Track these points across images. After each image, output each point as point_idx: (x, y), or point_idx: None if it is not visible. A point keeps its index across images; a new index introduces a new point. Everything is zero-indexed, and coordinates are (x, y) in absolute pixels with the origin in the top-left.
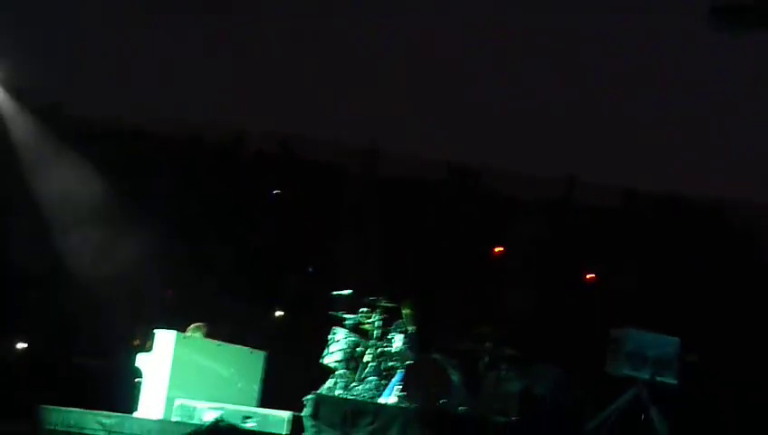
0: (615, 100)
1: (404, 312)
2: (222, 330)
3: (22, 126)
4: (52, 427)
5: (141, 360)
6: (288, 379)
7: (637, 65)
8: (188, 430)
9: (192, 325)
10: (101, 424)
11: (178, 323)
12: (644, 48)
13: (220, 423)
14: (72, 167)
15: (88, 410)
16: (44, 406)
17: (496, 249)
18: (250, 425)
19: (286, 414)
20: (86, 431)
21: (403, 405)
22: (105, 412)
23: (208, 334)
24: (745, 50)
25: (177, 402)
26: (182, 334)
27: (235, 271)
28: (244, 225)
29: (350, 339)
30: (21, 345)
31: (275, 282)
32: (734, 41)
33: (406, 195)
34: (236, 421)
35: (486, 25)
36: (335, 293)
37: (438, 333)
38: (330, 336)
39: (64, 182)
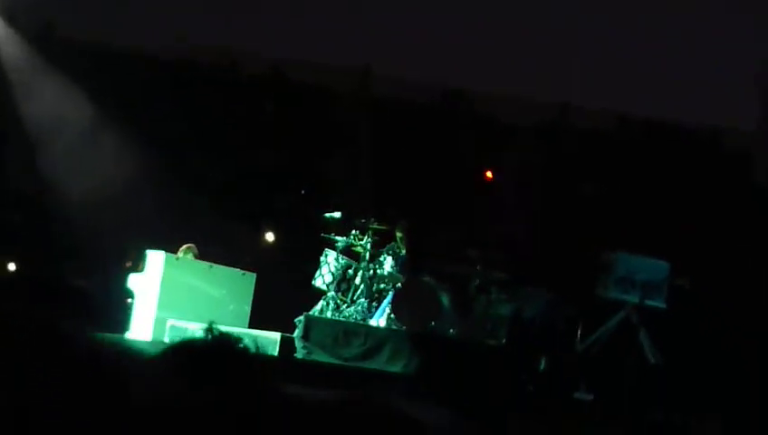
0: (611, 24)
1: (396, 235)
2: (213, 250)
3: (12, 47)
4: None
5: (133, 280)
6: (279, 300)
7: None
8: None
9: (183, 246)
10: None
11: (170, 244)
12: None
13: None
14: (62, 89)
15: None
16: None
17: (488, 173)
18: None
19: (277, 335)
20: None
21: (393, 327)
22: (99, 333)
23: (199, 255)
24: None
25: (169, 323)
26: (172, 255)
27: (226, 191)
28: (237, 146)
29: (341, 261)
30: (11, 267)
31: (267, 203)
32: None
33: (398, 117)
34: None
35: None
36: (327, 214)
37: (429, 256)
38: (321, 258)
39: (54, 105)
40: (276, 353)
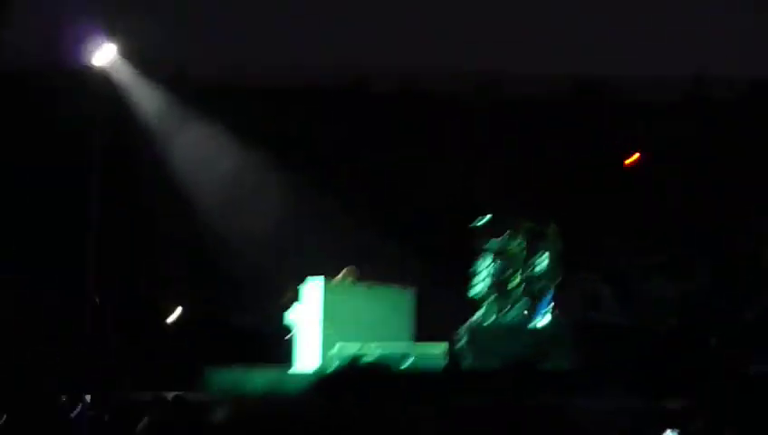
0: None
1: (548, 232)
2: (369, 270)
3: (150, 99)
4: (217, 388)
5: (293, 312)
6: (438, 313)
7: None
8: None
9: (344, 270)
10: (263, 380)
11: (330, 269)
12: None
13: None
14: (203, 131)
15: (249, 369)
16: (210, 368)
17: (631, 158)
18: (409, 361)
19: (442, 347)
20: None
21: (558, 324)
22: (265, 369)
23: (359, 277)
24: None
25: (337, 346)
26: (330, 281)
27: (375, 210)
28: (373, 165)
29: (497, 265)
30: (178, 312)
31: (417, 216)
32: None
33: (529, 114)
34: (396, 359)
35: None
36: (477, 220)
37: (585, 249)
38: (476, 264)
39: (198, 148)
40: (443, 365)
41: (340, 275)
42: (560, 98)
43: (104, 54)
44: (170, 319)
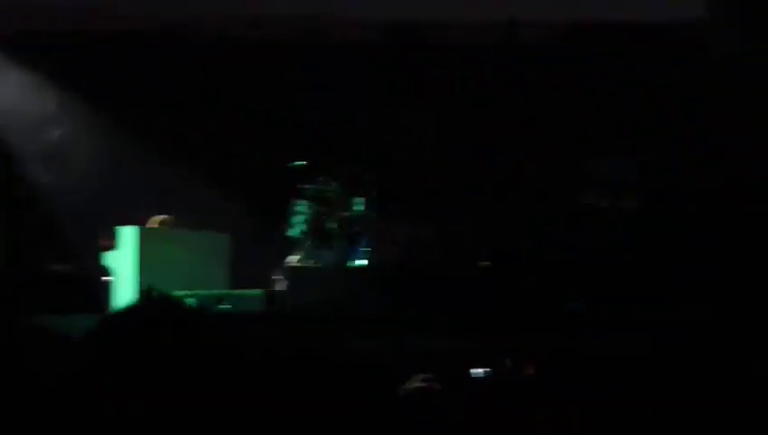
0: None
1: (364, 178)
2: (184, 217)
3: None
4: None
5: (108, 259)
6: (254, 257)
7: None
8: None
9: (157, 218)
10: (83, 327)
11: (145, 216)
12: None
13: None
14: (15, 77)
15: (65, 316)
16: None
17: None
18: (224, 306)
19: (259, 292)
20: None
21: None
22: (82, 314)
23: (174, 224)
24: None
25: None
26: (143, 228)
27: (189, 154)
28: (189, 111)
29: (313, 209)
30: None
31: (232, 161)
32: None
33: (344, 60)
34: (210, 304)
35: None
36: (292, 164)
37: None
38: (292, 209)
39: (20, 96)
40: (261, 308)
41: (152, 222)
42: (373, 43)
43: None
44: None
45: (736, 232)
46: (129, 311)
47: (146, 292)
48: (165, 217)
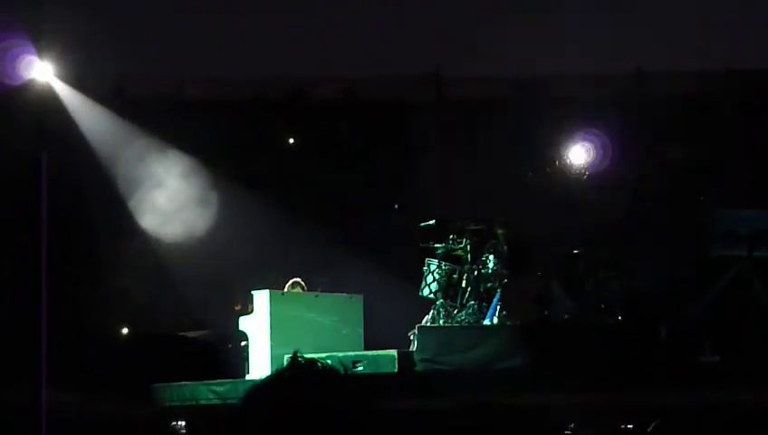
0: None
1: (495, 232)
2: (320, 280)
3: (90, 116)
4: (168, 403)
5: (244, 323)
6: (390, 318)
7: None
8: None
9: (289, 281)
10: (215, 392)
11: (278, 281)
12: None
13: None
14: (143, 146)
15: (200, 382)
16: (157, 384)
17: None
18: (360, 368)
19: (394, 352)
20: (201, 402)
21: (507, 324)
22: (217, 380)
23: (306, 288)
24: None
25: (286, 358)
26: (277, 291)
27: (322, 219)
28: (321, 173)
29: (444, 267)
30: (126, 330)
31: (361, 224)
32: None
33: (472, 116)
34: (346, 366)
35: None
36: (422, 224)
37: (531, 247)
38: (424, 268)
39: (138, 162)
40: (396, 370)
41: (286, 287)
42: (505, 98)
43: (40, 72)
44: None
45: None
46: (279, 377)
47: (292, 358)
48: (296, 279)
